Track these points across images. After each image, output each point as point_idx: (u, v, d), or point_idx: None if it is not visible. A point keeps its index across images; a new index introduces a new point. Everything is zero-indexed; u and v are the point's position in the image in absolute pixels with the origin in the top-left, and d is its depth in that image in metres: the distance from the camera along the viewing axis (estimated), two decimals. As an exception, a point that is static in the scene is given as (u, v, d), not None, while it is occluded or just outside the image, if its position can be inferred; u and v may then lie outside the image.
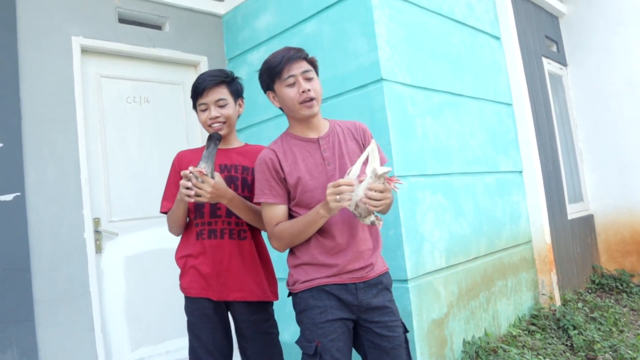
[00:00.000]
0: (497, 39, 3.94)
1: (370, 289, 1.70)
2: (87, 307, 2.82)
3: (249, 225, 1.95)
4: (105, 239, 3.04)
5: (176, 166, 2.02)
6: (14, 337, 2.54)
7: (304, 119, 1.72)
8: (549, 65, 4.74)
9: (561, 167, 4.53)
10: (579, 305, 3.80)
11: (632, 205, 4.65)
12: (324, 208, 1.54)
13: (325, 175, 1.70)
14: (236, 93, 2.00)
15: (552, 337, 3.24)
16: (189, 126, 3.47)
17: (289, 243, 1.70)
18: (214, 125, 1.94)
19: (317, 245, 1.68)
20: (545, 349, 3.03)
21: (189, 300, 1.97)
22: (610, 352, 3.00)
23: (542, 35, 4.72)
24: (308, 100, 1.67)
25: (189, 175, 1.69)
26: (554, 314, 3.50)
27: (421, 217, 2.79)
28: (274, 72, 1.68)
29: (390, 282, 1.79)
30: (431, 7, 3.21)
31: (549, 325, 3.39)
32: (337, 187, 1.47)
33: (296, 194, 1.70)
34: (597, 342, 3.10)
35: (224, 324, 1.98)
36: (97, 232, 2.99)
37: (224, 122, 1.94)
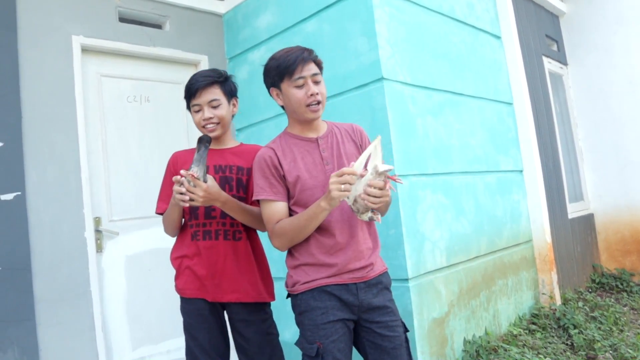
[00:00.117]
0: (498, 38, 3.94)
1: (371, 288, 1.70)
2: (87, 306, 2.82)
3: (244, 225, 1.94)
4: (105, 238, 3.04)
5: (171, 167, 2.01)
6: (15, 337, 2.54)
7: (306, 121, 1.72)
8: (549, 65, 4.73)
9: (561, 166, 4.53)
10: (580, 304, 3.80)
11: (632, 205, 4.65)
12: (325, 200, 1.52)
13: (324, 174, 1.70)
14: (230, 93, 1.97)
15: (553, 336, 3.24)
16: (190, 125, 3.46)
17: (290, 240, 1.68)
18: (208, 126, 1.93)
19: (317, 245, 1.68)
20: (545, 348, 3.03)
21: (185, 301, 1.97)
22: (610, 351, 3.01)
23: (542, 34, 4.71)
24: (315, 103, 1.67)
25: (181, 180, 1.68)
26: (554, 313, 3.50)
27: (422, 217, 2.79)
28: (285, 71, 1.66)
29: (389, 282, 1.79)
30: (432, 6, 3.21)
31: (549, 324, 3.39)
32: (341, 176, 1.46)
33: (295, 192, 1.69)
34: (598, 341, 3.10)
35: (220, 324, 1.98)
36: (97, 232, 2.99)
37: (218, 123, 1.93)
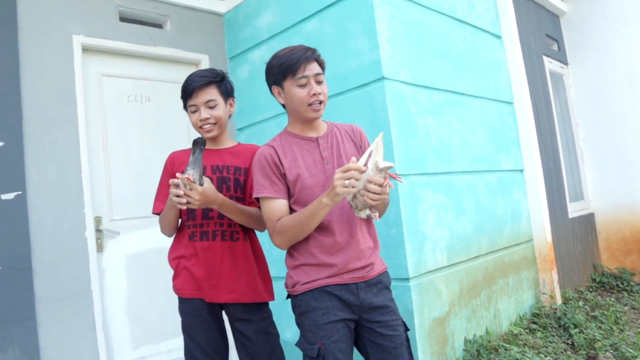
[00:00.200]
0: (498, 37, 3.93)
1: (371, 288, 1.69)
2: (88, 305, 2.82)
3: (242, 226, 1.93)
4: (106, 237, 3.04)
5: (168, 167, 2.01)
6: (16, 336, 2.54)
7: (307, 120, 1.72)
8: (549, 64, 4.73)
9: (562, 166, 4.53)
10: (580, 303, 3.80)
11: (632, 204, 4.65)
12: (328, 196, 1.51)
13: (324, 174, 1.70)
14: (226, 93, 1.96)
15: (553, 336, 3.24)
16: (190, 125, 3.44)
17: (291, 238, 1.67)
18: (205, 126, 1.92)
19: (317, 244, 1.67)
20: (546, 347, 3.03)
21: (183, 301, 1.97)
22: (611, 351, 3.01)
23: (543, 33, 4.71)
24: (317, 103, 1.67)
25: (177, 183, 1.68)
26: (555, 313, 3.50)
27: (423, 216, 2.79)
28: (288, 70, 1.66)
29: (389, 281, 1.78)
30: (432, 6, 3.21)
31: (550, 323, 3.39)
32: (347, 171, 1.45)
33: (295, 190, 1.69)
34: (598, 340, 3.10)
35: (219, 324, 1.98)
36: (98, 231, 2.99)
37: (215, 124, 1.93)
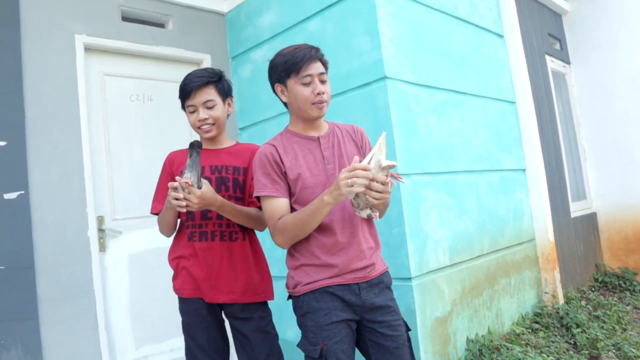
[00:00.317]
0: (501, 37, 3.93)
1: (373, 288, 1.69)
2: (90, 305, 2.82)
3: (240, 225, 1.93)
4: (108, 237, 3.05)
5: (167, 167, 2.01)
6: (18, 335, 2.55)
7: (310, 119, 1.72)
8: (552, 63, 4.72)
9: (564, 165, 4.52)
10: (582, 303, 3.79)
11: (635, 203, 4.64)
12: (329, 195, 1.50)
13: (325, 173, 1.69)
14: (224, 92, 1.96)
15: (556, 335, 3.24)
16: (192, 124, 3.46)
17: (292, 237, 1.65)
18: (203, 127, 1.92)
19: (317, 244, 1.66)
20: (548, 347, 3.03)
21: (183, 301, 1.97)
22: (613, 350, 3.00)
23: (545, 33, 4.70)
24: (321, 102, 1.67)
25: (176, 187, 1.69)
26: (557, 312, 3.49)
27: (425, 215, 2.79)
28: (292, 68, 1.65)
29: (390, 281, 1.78)
30: (434, 5, 3.20)
31: (552, 323, 3.38)
32: (353, 171, 1.43)
33: (296, 189, 1.68)
34: (601, 340, 3.10)
35: (219, 323, 1.98)
36: (100, 231, 2.99)
37: (213, 124, 1.92)
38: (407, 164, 2.74)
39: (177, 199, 1.69)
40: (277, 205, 1.67)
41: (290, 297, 1.77)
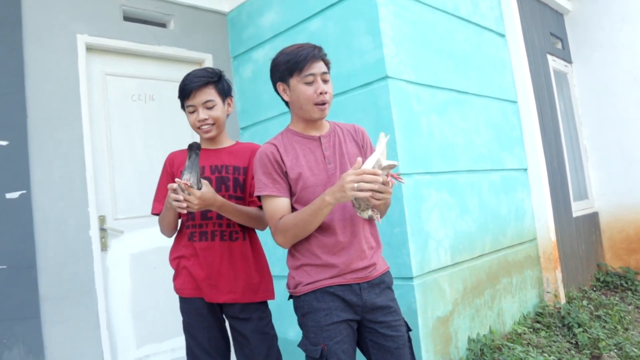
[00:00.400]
0: (502, 36, 3.92)
1: (374, 288, 1.68)
2: (92, 304, 2.83)
3: (241, 225, 1.93)
4: (110, 236, 3.05)
5: (167, 167, 2.01)
6: (20, 334, 2.55)
7: (311, 119, 1.71)
8: (554, 63, 4.72)
9: (566, 165, 4.51)
10: (584, 303, 3.79)
11: (637, 203, 4.63)
12: (331, 195, 1.50)
13: (326, 173, 1.68)
14: (224, 92, 1.96)
15: (557, 335, 3.24)
16: (194, 124, 3.47)
17: (293, 237, 1.65)
18: (203, 127, 1.92)
19: (318, 244, 1.66)
20: (550, 346, 3.02)
21: (183, 301, 1.97)
22: (615, 350, 3.00)
23: (547, 32, 4.70)
24: (323, 102, 1.66)
25: (175, 188, 1.69)
26: (558, 312, 3.49)
27: (426, 215, 2.78)
28: (295, 66, 1.64)
29: (391, 281, 1.77)
30: (436, 4, 3.20)
31: (553, 323, 3.38)
32: (361, 174, 1.41)
33: (297, 189, 1.68)
34: (602, 339, 3.09)
35: (219, 323, 1.98)
36: (102, 230, 3.00)
37: (213, 124, 1.92)
38: (409, 164, 2.74)
39: (177, 200, 1.70)
40: (278, 204, 1.67)
41: (291, 297, 1.76)
